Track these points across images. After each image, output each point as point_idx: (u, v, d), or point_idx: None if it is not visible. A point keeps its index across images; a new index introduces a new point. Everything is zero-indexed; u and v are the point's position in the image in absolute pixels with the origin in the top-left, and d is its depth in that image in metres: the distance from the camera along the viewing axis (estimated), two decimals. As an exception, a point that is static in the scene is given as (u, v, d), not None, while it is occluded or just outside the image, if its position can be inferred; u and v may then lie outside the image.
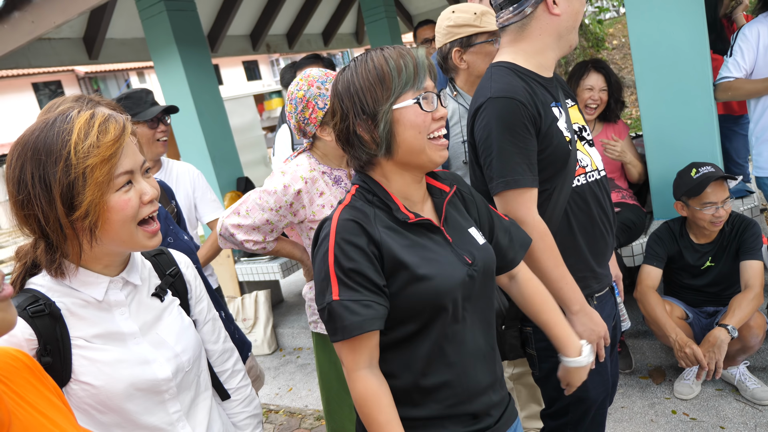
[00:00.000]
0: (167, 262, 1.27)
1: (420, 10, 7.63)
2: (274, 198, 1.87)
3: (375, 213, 1.18)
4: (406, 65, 1.13)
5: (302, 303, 4.86)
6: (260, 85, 28.11)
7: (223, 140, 4.64)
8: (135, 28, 5.21)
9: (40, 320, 1.01)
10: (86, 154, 0.97)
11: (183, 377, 1.16)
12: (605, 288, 1.72)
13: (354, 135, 1.18)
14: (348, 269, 1.11)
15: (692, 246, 2.61)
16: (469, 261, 1.23)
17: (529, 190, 1.54)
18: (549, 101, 1.60)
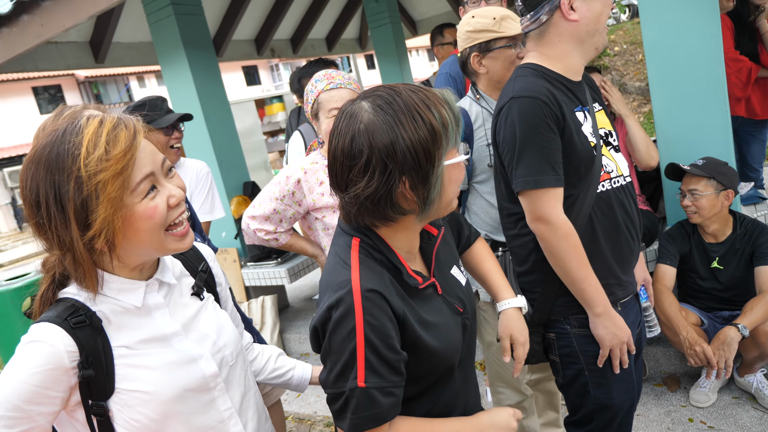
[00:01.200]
0: (196, 258, 1.26)
1: (423, 16, 7.64)
2: (279, 188, 2.05)
3: (389, 278, 1.07)
4: (450, 119, 1.02)
5: (308, 308, 4.84)
6: (260, 90, 28.16)
7: (229, 145, 4.62)
8: (142, 31, 5.20)
9: (81, 331, 0.97)
10: (96, 169, 0.91)
11: (229, 372, 1.15)
12: (629, 295, 1.69)
13: (393, 194, 1.00)
14: (381, 351, 1.00)
15: (702, 245, 2.61)
16: (461, 309, 1.19)
17: (553, 190, 1.52)
18: (573, 106, 1.59)
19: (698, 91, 2.72)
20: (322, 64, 3.28)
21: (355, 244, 1.08)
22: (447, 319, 1.15)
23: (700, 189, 2.46)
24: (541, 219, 1.54)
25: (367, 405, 0.99)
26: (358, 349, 0.98)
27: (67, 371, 0.95)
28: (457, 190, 1.10)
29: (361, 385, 0.98)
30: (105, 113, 0.99)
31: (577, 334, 1.64)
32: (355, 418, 1.00)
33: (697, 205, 2.48)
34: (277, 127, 11.86)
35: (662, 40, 2.71)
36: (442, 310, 1.15)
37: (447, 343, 1.11)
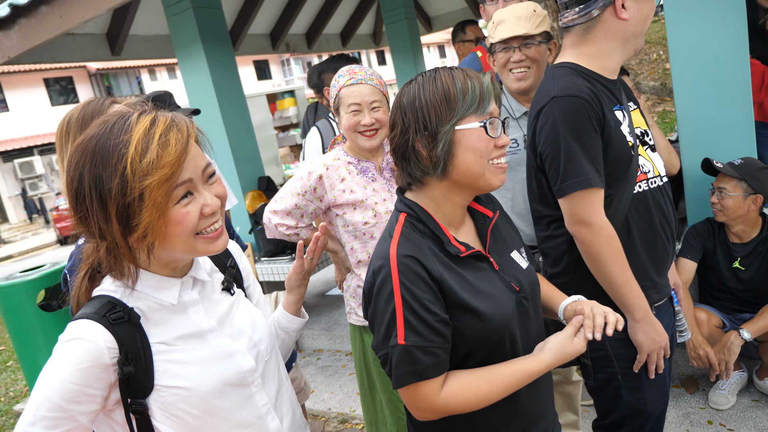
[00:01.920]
0: (224, 254, 1.26)
1: (439, 12, 7.61)
2: (300, 183, 2.03)
3: (428, 246, 1.14)
4: (473, 88, 1.12)
5: (321, 304, 4.84)
6: (270, 85, 28.21)
7: (245, 139, 4.63)
8: (159, 24, 5.21)
9: (120, 327, 0.96)
10: (144, 173, 0.89)
11: (264, 367, 1.15)
12: (664, 298, 1.67)
13: (412, 150, 1.15)
14: (418, 311, 1.07)
15: (726, 244, 2.60)
16: (517, 288, 1.21)
17: (598, 191, 1.49)
18: (612, 105, 1.56)
19: (722, 91, 2.69)
20: (345, 60, 3.25)
21: (401, 218, 1.18)
22: (500, 291, 1.17)
23: (728, 189, 2.45)
24: (583, 222, 1.50)
25: (407, 361, 1.07)
26: (396, 309, 1.07)
27: (107, 368, 0.95)
28: (479, 162, 1.13)
29: (401, 343, 1.07)
30: (159, 112, 0.96)
31: (611, 338, 1.60)
32: (397, 374, 1.08)
33: (722, 204, 2.47)
34: (288, 122, 11.86)
35: (687, 39, 2.68)
36: (496, 283, 1.19)
37: (497, 309, 1.14)
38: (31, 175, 20.91)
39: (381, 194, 2.00)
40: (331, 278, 5.50)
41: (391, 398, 2.09)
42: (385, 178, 2.05)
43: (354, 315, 2.13)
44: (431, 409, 1.11)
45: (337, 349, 4.21)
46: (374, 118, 1.95)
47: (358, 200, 1.97)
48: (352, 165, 2.03)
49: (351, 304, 2.14)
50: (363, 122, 1.94)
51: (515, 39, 1.96)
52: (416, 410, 1.13)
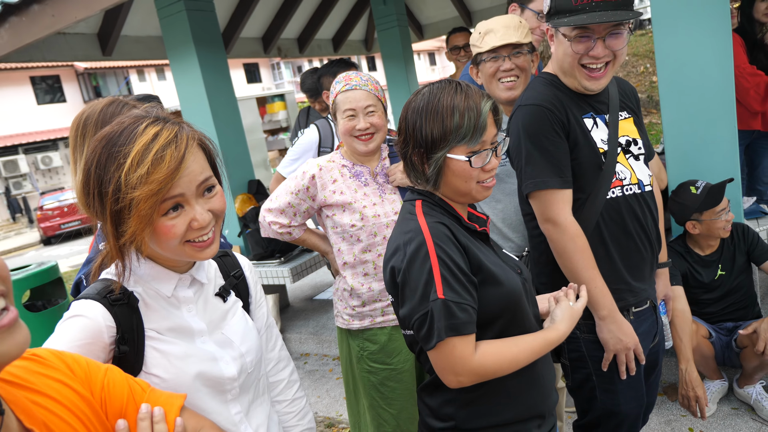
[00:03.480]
0: (232, 264, 1.27)
1: (431, 20, 7.67)
2: (294, 182, 2.09)
3: (450, 221, 1.25)
4: (469, 119, 1.20)
5: (308, 309, 4.85)
6: (260, 88, 28.17)
7: (236, 142, 4.63)
8: (151, 25, 5.20)
9: (119, 308, 1.00)
10: (134, 186, 0.93)
11: (245, 378, 1.16)
12: (644, 302, 1.71)
13: (410, 159, 1.28)
14: (453, 270, 1.15)
15: (701, 260, 2.64)
16: (519, 271, 1.33)
17: (559, 192, 1.59)
18: (582, 113, 1.63)
19: (708, 106, 2.75)
20: (344, 65, 3.27)
21: (418, 204, 1.28)
22: (506, 267, 1.29)
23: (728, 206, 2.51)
24: (549, 220, 1.61)
25: (446, 315, 1.13)
26: (434, 268, 1.15)
27: (105, 347, 0.99)
28: (466, 185, 1.24)
29: (441, 297, 1.13)
30: (167, 122, 1.00)
31: (585, 338, 1.68)
32: (438, 326, 1.13)
33: (728, 220, 2.51)
34: (278, 126, 11.86)
35: (674, 54, 2.74)
36: (500, 260, 1.31)
37: (510, 278, 1.25)
38: (15, 174, 20.65)
39: (371, 198, 2.03)
40: (318, 282, 5.50)
41: (372, 403, 2.11)
42: (378, 183, 2.08)
43: (341, 318, 2.14)
44: (467, 370, 1.15)
45: (325, 353, 4.21)
46: (369, 122, 1.98)
47: (346, 202, 2.01)
48: (346, 168, 2.08)
49: (338, 307, 2.16)
50: (358, 127, 1.98)
51: (505, 48, 1.99)
52: (451, 374, 1.16)
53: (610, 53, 1.54)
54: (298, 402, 1.37)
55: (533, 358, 1.22)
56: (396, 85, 6.86)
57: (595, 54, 1.53)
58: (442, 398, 1.28)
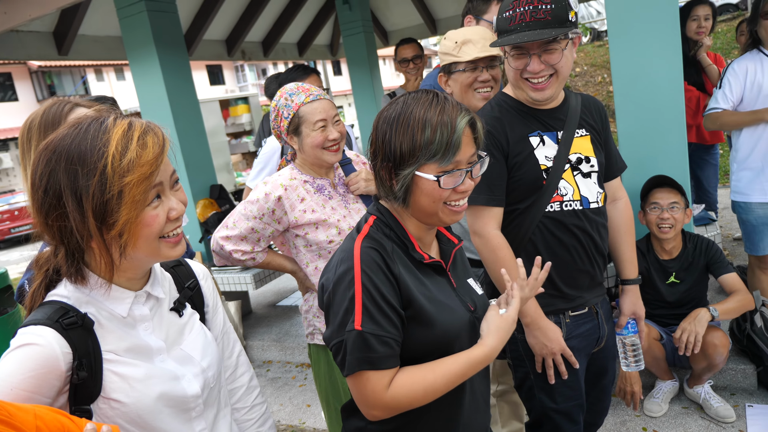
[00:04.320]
0: (186, 274, 1.23)
1: (396, 27, 7.73)
2: (257, 206, 1.96)
3: (393, 248, 1.19)
4: (440, 137, 1.12)
5: (271, 315, 4.80)
6: (223, 90, 27.77)
7: (198, 146, 4.56)
8: (110, 25, 5.08)
9: (74, 332, 0.95)
10: (124, 171, 0.91)
11: (208, 393, 1.13)
12: (579, 308, 1.78)
13: (379, 173, 1.21)
14: (377, 300, 1.10)
15: (658, 262, 2.75)
16: (472, 308, 1.27)
17: (486, 208, 1.70)
18: (529, 131, 1.71)
19: (659, 117, 2.87)
20: (303, 71, 3.24)
21: (370, 221, 1.24)
22: (454, 305, 1.22)
23: (678, 202, 2.60)
24: (476, 233, 1.73)
25: (361, 347, 1.08)
26: (356, 296, 1.10)
27: (61, 375, 0.93)
28: (433, 206, 1.17)
29: (358, 329, 1.08)
30: (133, 118, 0.99)
31: (521, 339, 1.77)
32: (351, 359, 1.09)
33: (675, 218, 2.60)
34: (241, 129, 11.72)
35: (629, 68, 2.85)
36: (452, 297, 1.24)
37: (447, 320, 1.18)
38: (-39, 174, 19.78)
39: (340, 211, 1.98)
40: (282, 288, 5.46)
41: None
42: (340, 193, 2.03)
43: (319, 334, 2.05)
44: (380, 405, 1.10)
45: (288, 360, 4.18)
46: (338, 131, 1.95)
47: (320, 219, 1.94)
48: (309, 183, 2.00)
49: (315, 324, 2.06)
50: (330, 137, 1.92)
51: (483, 59, 2.02)
52: (365, 406, 1.12)
53: (549, 67, 1.62)
54: (258, 408, 1.35)
55: (456, 382, 1.14)
56: (361, 90, 6.88)
57: (532, 69, 1.62)
58: (355, 424, 1.25)
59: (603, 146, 1.83)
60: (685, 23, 3.75)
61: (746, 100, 2.85)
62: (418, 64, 3.88)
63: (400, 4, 7.25)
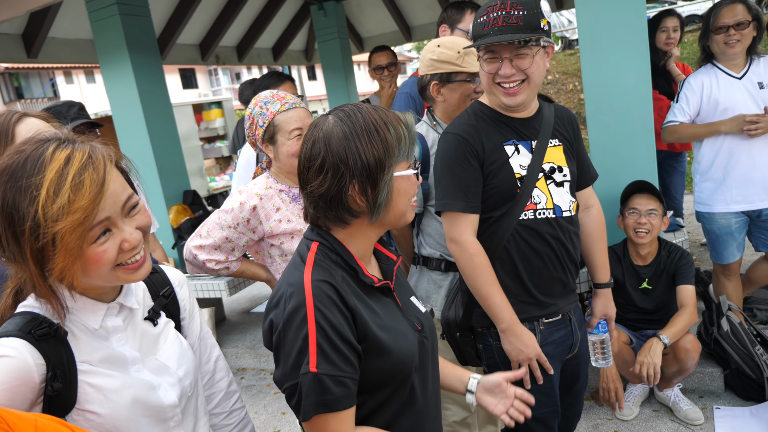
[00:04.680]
0: (161, 282, 1.21)
1: (371, 33, 7.76)
2: (232, 216, 1.94)
3: (342, 276, 1.13)
4: (404, 134, 1.13)
5: (246, 322, 4.76)
6: (196, 94, 27.46)
7: (171, 151, 4.51)
8: (81, 28, 4.99)
9: (46, 343, 0.93)
10: (56, 218, 0.85)
11: (186, 403, 1.12)
12: (552, 315, 1.81)
13: (344, 195, 1.10)
14: (332, 338, 1.04)
15: (632, 267, 2.81)
16: (419, 327, 1.24)
17: (463, 215, 1.73)
18: (504, 140, 1.74)
19: (629, 126, 2.94)
20: (276, 78, 3.23)
21: (313, 247, 1.15)
22: (404, 328, 1.19)
23: (656, 209, 2.65)
24: (452, 239, 1.75)
25: (317, 390, 1.02)
26: (309, 335, 1.03)
27: (35, 387, 0.91)
28: (407, 203, 1.18)
29: (313, 371, 1.02)
30: (75, 144, 0.92)
31: (497, 347, 1.79)
32: (307, 404, 1.03)
33: (652, 224, 2.65)
34: (214, 134, 11.60)
35: (599, 78, 2.92)
36: (400, 319, 1.20)
37: (402, 345, 1.14)
38: None
39: None
40: (256, 295, 5.41)
41: None
42: None
43: None
44: None
45: (262, 368, 4.15)
46: None
47: (296, 229, 1.93)
48: (284, 192, 1.98)
49: None
50: None
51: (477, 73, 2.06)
52: None
53: (521, 72, 1.66)
54: (237, 413, 1.33)
55: None
56: (336, 96, 6.89)
57: (504, 73, 1.66)
58: None
59: (575, 156, 1.86)
60: (655, 34, 3.84)
61: (704, 113, 2.92)
62: (392, 71, 3.91)
63: (375, 11, 7.28)
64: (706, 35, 2.88)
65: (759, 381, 2.69)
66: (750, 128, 2.73)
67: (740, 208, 2.88)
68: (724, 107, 2.81)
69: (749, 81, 2.82)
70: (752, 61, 2.85)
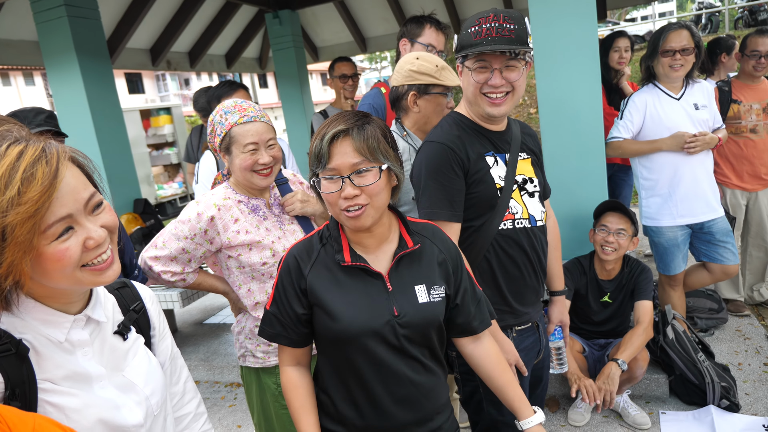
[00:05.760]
0: (131, 297, 1.18)
1: (326, 43, 7.78)
2: (189, 226, 1.89)
3: (321, 250, 1.38)
4: (316, 149, 1.30)
5: (198, 334, 4.63)
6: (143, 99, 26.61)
7: (121, 158, 4.37)
8: (25, 29, 4.78)
9: (6, 360, 0.89)
10: (5, 211, 0.83)
11: (152, 422, 1.09)
12: (525, 323, 1.86)
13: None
14: (282, 292, 1.38)
15: (596, 281, 2.90)
16: (396, 313, 1.31)
17: (448, 224, 1.73)
18: (485, 151, 1.77)
19: (581, 143, 3.07)
20: (228, 87, 3.15)
21: (325, 224, 1.44)
22: (372, 307, 1.32)
23: (626, 229, 2.74)
24: None
25: (267, 322, 1.41)
26: (274, 285, 1.41)
27: None
28: (334, 210, 1.31)
29: (267, 308, 1.42)
30: (30, 141, 0.90)
31: None
32: (260, 329, 1.44)
33: (620, 243, 2.74)
34: (163, 140, 11.31)
35: (553, 96, 3.03)
36: (375, 299, 1.33)
37: (356, 318, 1.31)
38: None
39: (274, 233, 1.93)
40: (209, 306, 5.28)
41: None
42: (275, 214, 1.99)
43: (251, 357, 1.99)
44: (280, 371, 1.44)
45: (216, 380, 4.04)
46: (271, 155, 1.88)
47: (254, 241, 1.89)
48: (243, 203, 1.94)
49: (247, 346, 1.99)
50: (261, 161, 1.86)
51: (451, 87, 2.12)
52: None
53: (508, 84, 1.70)
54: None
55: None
56: (290, 105, 6.84)
57: (494, 83, 1.68)
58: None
59: (541, 169, 1.94)
60: (608, 54, 4.02)
61: (645, 131, 3.04)
62: (355, 81, 3.96)
63: (330, 21, 7.31)
64: (653, 56, 3.01)
65: (701, 386, 2.83)
66: (689, 146, 2.89)
67: (685, 222, 3.04)
68: (665, 125, 2.97)
69: (686, 102, 2.99)
70: (688, 84, 3.02)
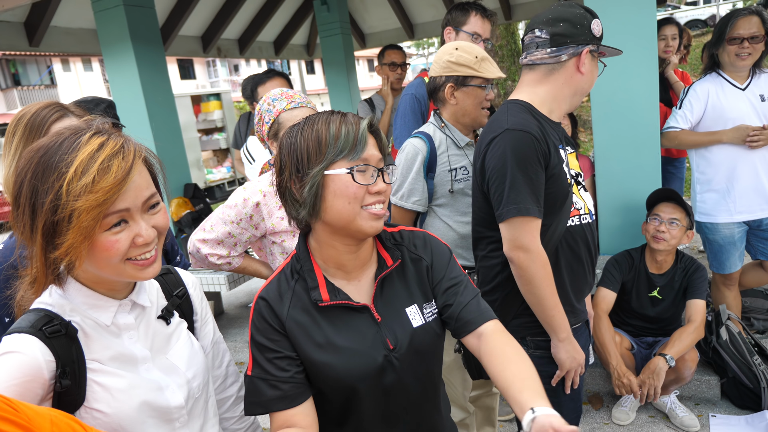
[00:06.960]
0: (174, 283, 1.22)
1: (373, 30, 7.74)
2: (235, 211, 1.96)
3: (294, 290, 1.18)
4: (346, 133, 1.10)
5: (244, 316, 4.76)
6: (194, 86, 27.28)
7: (173, 144, 4.50)
8: (83, 18, 4.96)
9: (57, 341, 0.95)
10: (77, 196, 0.89)
11: (193, 404, 1.12)
12: (580, 322, 1.82)
13: (288, 190, 1.16)
14: (262, 349, 1.17)
15: (646, 274, 2.80)
16: (391, 346, 1.19)
17: (536, 220, 1.61)
18: (558, 143, 1.70)
19: (635, 133, 2.95)
20: (265, 75, 3.24)
21: (291, 256, 1.24)
22: (363, 347, 1.17)
23: (680, 220, 2.65)
24: (521, 247, 1.61)
25: (252, 392, 1.17)
26: (249, 344, 1.19)
27: (45, 383, 0.93)
28: (347, 206, 1.11)
29: (249, 374, 1.18)
30: (112, 135, 0.96)
31: (533, 355, 1.73)
32: (246, 403, 1.18)
33: (672, 234, 2.65)
34: (212, 125, 11.56)
35: (607, 85, 2.92)
36: (363, 337, 1.18)
37: (347, 365, 1.15)
38: None
39: None
40: (254, 289, 5.40)
41: None
42: None
43: None
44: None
45: (260, 362, 4.15)
46: None
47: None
48: None
49: None
50: None
51: (491, 80, 2.06)
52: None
53: None
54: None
55: None
56: (337, 91, 6.87)
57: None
58: None
59: None
60: None
61: (706, 122, 2.90)
62: (404, 70, 3.95)
63: (378, 7, 7.26)
64: (718, 43, 2.86)
65: (756, 390, 2.71)
66: (752, 140, 2.74)
67: (743, 218, 2.89)
68: (727, 117, 2.82)
69: (752, 93, 2.82)
70: (755, 74, 2.86)
